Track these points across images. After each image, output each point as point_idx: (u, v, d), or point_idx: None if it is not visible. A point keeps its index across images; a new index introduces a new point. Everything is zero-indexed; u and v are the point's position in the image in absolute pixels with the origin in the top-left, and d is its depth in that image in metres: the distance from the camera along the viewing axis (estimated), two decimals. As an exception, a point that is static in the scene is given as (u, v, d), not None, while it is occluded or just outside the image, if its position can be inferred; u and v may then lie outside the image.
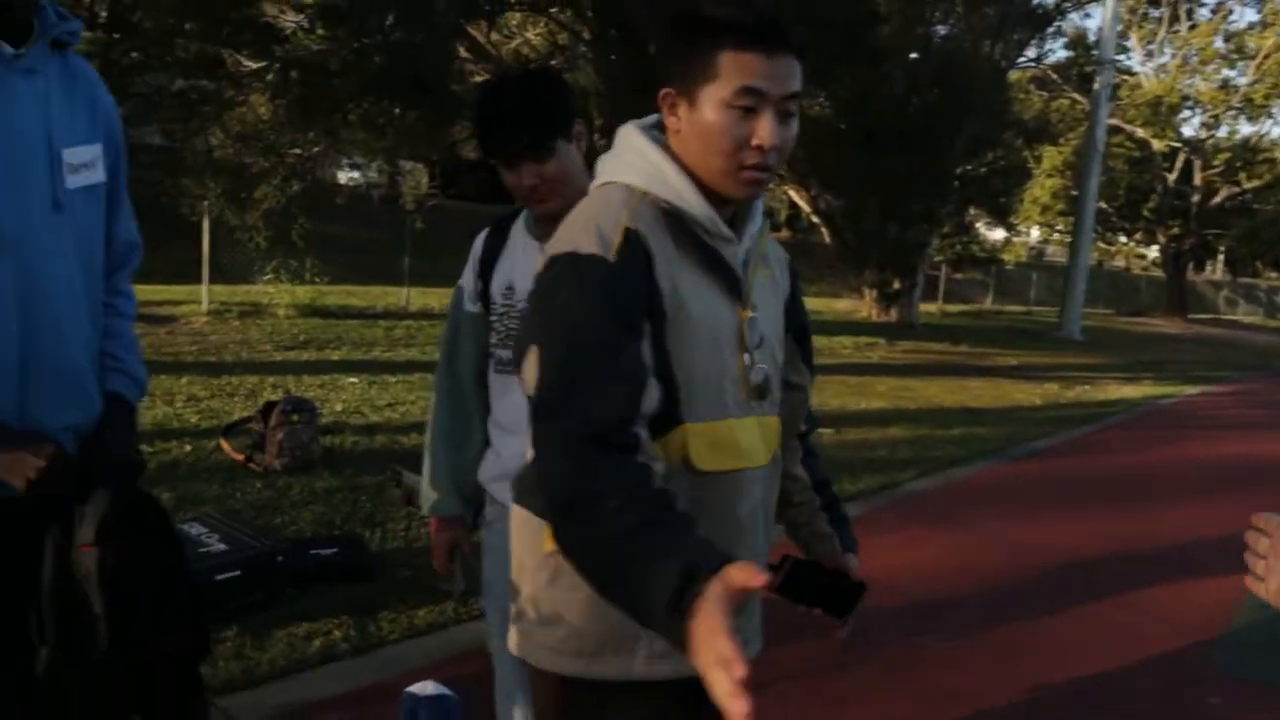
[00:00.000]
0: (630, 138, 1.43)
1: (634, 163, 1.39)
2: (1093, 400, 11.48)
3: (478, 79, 15.28)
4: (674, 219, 1.35)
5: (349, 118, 13.35)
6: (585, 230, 1.30)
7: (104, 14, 19.47)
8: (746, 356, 1.42)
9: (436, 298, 13.81)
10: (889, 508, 5.95)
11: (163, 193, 13.58)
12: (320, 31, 12.42)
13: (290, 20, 13.41)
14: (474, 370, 2.14)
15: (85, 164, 1.69)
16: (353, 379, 7.91)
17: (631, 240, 1.29)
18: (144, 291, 11.13)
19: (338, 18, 12.17)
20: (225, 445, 5.63)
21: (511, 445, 2.05)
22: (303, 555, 3.91)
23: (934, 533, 5.48)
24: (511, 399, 2.04)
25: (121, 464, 1.74)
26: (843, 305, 19.90)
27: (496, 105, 1.95)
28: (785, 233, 40.33)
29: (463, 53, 14.14)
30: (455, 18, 12.98)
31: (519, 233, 2.08)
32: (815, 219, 20.28)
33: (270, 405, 5.58)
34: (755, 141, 1.30)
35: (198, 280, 11.04)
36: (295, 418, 5.44)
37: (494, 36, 15.17)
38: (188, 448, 5.63)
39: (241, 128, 13.52)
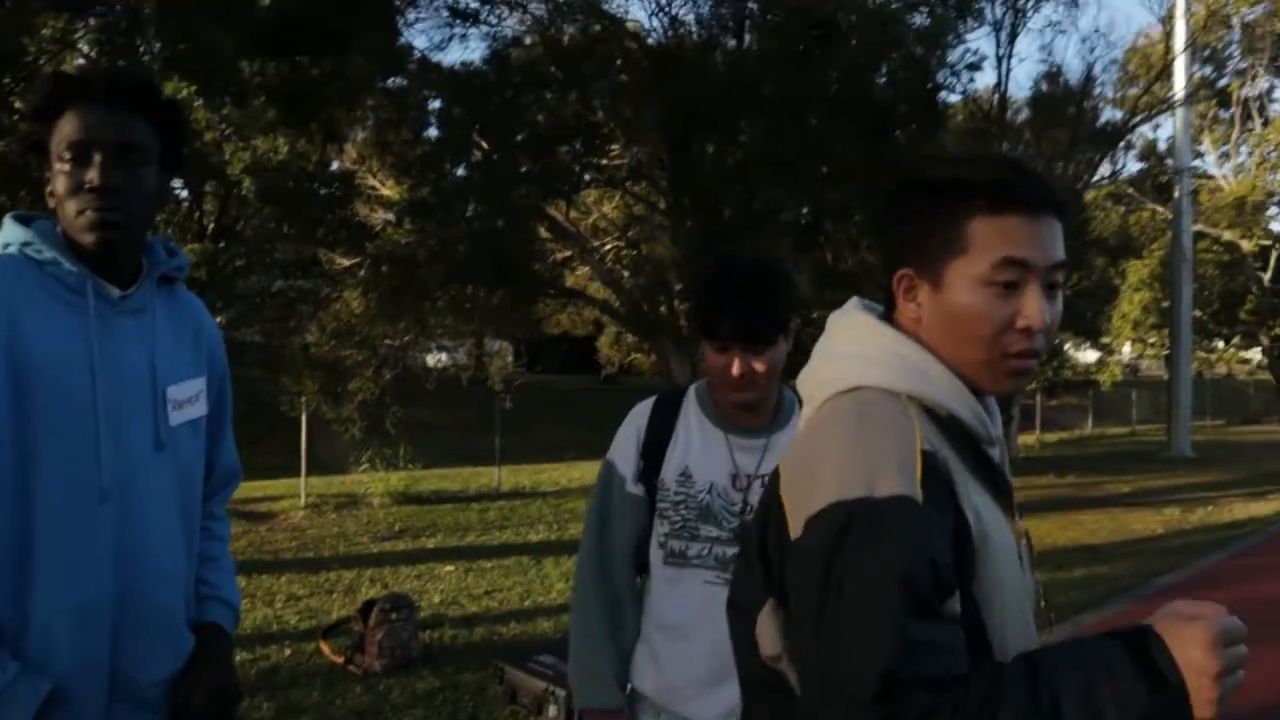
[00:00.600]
0: (871, 329, 1.18)
1: (885, 360, 1.13)
2: (1219, 523, 10.83)
3: (559, 256, 15.78)
4: (949, 427, 1.11)
5: (437, 304, 13.83)
6: (872, 458, 1.02)
7: (211, 225, 20.82)
8: (1032, 580, 1.20)
9: (527, 475, 13.90)
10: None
11: (263, 390, 14.12)
12: (408, 225, 13.04)
13: (380, 217, 14.13)
14: (627, 553, 2.05)
15: (189, 399, 1.70)
16: (449, 567, 7.88)
17: (931, 467, 1.03)
18: (244, 489, 11.34)
19: (425, 211, 12.78)
20: (325, 647, 5.59)
21: (679, 650, 1.95)
22: (405, 769, 3.79)
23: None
24: (681, 592, 1.95)
25: (219, 701, 1.68)
26: (940, 443, 19.41)
27: (730, 287, 1.90)
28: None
29: (542, 232, 14.66)
30: (534, 200, 13.52)
31: (692, 414, 2.02)
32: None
33: (369, 604, 5.56)
34: (1021, 323, 1.08)
35: (297, 474, 11.28)
36: (394, 615, 5.39)
37: (572, 214, 15.71)
38: (288, 651, 5.60)
39: (336, 323, 14.09)
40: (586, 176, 15.19)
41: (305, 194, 14.30)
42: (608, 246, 16.65)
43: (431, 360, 19.62)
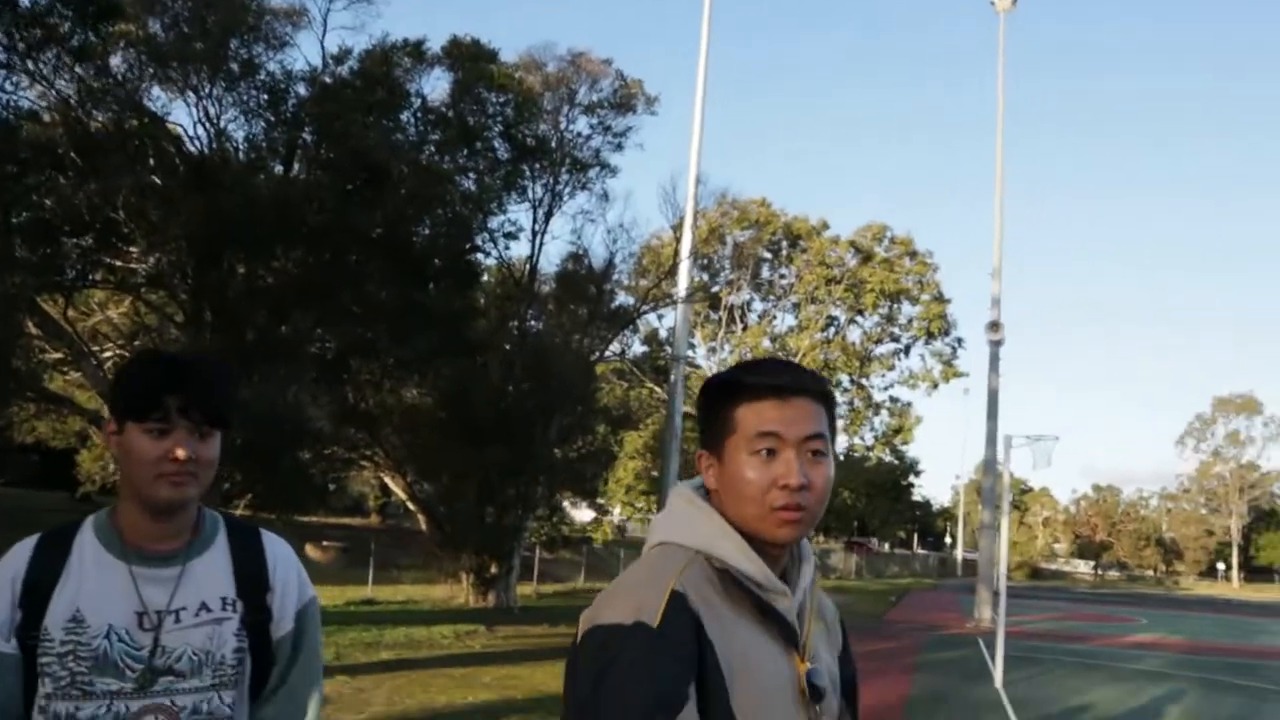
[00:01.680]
0: (684, 500, 1.49)
1: (688, 524, 1.44)
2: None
3: (47, 357, 14.08)
4: (728, 577, 1.39)
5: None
6: (630, 596, 1.31)
7: None
8: (810, 711, 1.42)
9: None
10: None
11: None
12: None
13: None
14: None
15: None
16: None
17: (676, 603, 1.30)
18: None
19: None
20: None
21: None
22: None
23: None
24: None
25: None
26: (440, 592, 19.55)
27: (178, 364, 1.71)
28: (375, 519, 39.65)
29: (30, 328, 13.02)
30: (27, 292, 12.07)
31: (88, 547, 1.72)
32: (411, 505, 20.16)
33: None
34: (780, 482, 1.37)
35: None
36: None
37: (70, 313, 14.14)
38: None
39: None
40: (95, 275, 13.90)
41: None
42: (108, 354, 15.16)
43: None
